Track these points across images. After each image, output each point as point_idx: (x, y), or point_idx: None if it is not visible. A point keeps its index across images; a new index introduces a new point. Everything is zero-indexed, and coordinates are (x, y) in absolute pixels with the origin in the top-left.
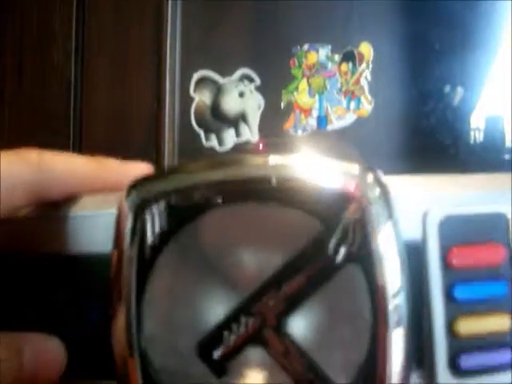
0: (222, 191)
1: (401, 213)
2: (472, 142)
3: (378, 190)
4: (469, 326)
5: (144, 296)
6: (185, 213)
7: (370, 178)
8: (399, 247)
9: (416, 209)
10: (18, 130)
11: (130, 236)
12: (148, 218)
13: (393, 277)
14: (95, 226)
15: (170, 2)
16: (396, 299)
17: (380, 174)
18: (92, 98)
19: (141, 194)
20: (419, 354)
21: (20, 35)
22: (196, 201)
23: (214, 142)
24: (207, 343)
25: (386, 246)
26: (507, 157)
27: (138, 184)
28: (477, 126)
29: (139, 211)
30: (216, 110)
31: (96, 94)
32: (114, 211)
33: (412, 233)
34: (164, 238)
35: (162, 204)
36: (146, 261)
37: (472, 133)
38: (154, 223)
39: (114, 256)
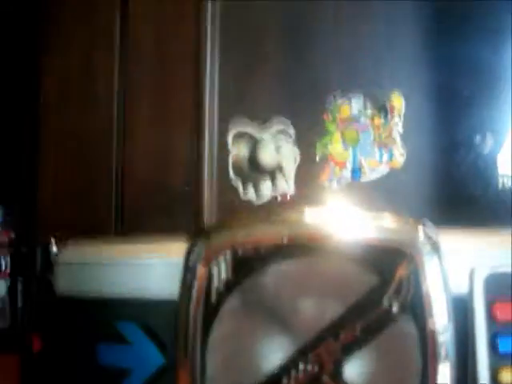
0: (285, 245)
1: (449, 267)
2: (500, 188)
3: (429, 245)
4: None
5: (208, 340)
6: (249, 264)
7: (421, 233)
8: (447, 297)
9: (463, 264)
10: (63, 171)
11: (197, 283)
12: (214, 267)
13: (441, 323)
14: (160, 273)
15: (208, 59)
16: (443, 342)
17: (430, 227)
18: (133, 149)
19: (207, 245)
20: None
21: (63, 74)
22: (260, 253)
23: (251, 194)
24: None
25: (436, 297)
26: None
27: (205, 233)
28: (505, 172)
29: (206, 261)
30: (253, 163)
31: (137, 146)
32: (177, 259)
33: (459, 287)
34: (229, 286)
35: (228, 255)
36: (212, 308)
37: (500, 179)
38: (220, 272)
39: (182, 302)
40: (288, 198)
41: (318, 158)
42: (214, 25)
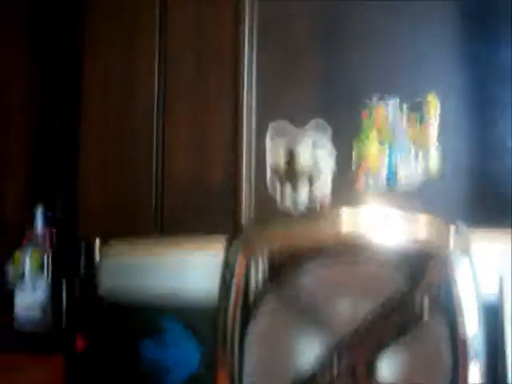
0: (321, 246)
1: (480, 272)
2: None
3: (460, 249)
4: None
5: (246, 339)
6: (286, 264)
7: (452, 234)
8: (478, 302)
9: (494, 268)
10: (104, 172)
11: (235, 284)
12: (252, 267)
13: (472, 326)
14: (200, 273)
15: (246, 56)
16: (473, 345)
17: (462, 227)
18: (173, 147)
19: (246, 246)
20: None
21: (106, 86)
22: (297, 254)
23: (288, 193)
24: (303, 381)
25: (466, 298)
26: None
27: (242, 235)
28: None
29: (244, 262)
30: (290, 159)
31: (176, 144)
32: (217, 260)
33: (489, 292)
34: (266, 285)
35: (266, 255)
36: (250, 307)
37: None
38: (257, 272)
39: (221, 302)
40: (326, 200)
41: (354, 156)
42: (252, 27)
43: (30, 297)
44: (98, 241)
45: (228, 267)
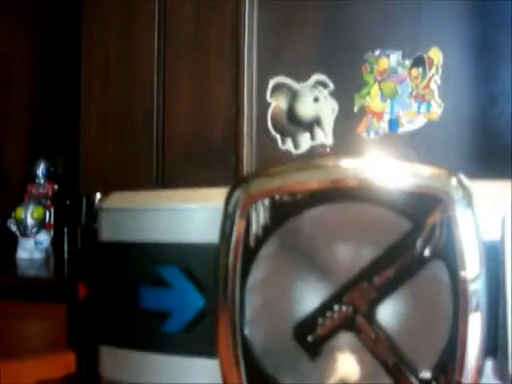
0: (321, 191)
1: (481, 215)
2: None
3: (461, 193)
4: None
5: (247, 283)
6: (287, 209)
7: (454, 181)
8: (479, 244)
9: (495, 212)
10: (105, 125)
11: (236, 229)
12: (253, 212)
13: (473, 271)
14: (200, 218)
15: (247, 11)
16: (475, 290)
17: (463, 177)
18: (173, 102)
19: (247, 191)
20: (494, 343)
21: (105, 44)
22: (297, 199)
23: (289, 145)
24: (303, 328)
25: (467, 243)
26: None
27: (243, 181)
28: None
29: (245, 207)
30: (292, 114)
31: (177, 99)
32: (217, 205)
33: (491, 234)
34: (267, 231)
35: (267, 201)
36: (250, 252)
37: None
38: (258, 218)
39: (221, 247)
40: (327, 149)
41: (355, 110)
42: None
43: (33, 241)
44: (98, 194)
45: (228, 215)
